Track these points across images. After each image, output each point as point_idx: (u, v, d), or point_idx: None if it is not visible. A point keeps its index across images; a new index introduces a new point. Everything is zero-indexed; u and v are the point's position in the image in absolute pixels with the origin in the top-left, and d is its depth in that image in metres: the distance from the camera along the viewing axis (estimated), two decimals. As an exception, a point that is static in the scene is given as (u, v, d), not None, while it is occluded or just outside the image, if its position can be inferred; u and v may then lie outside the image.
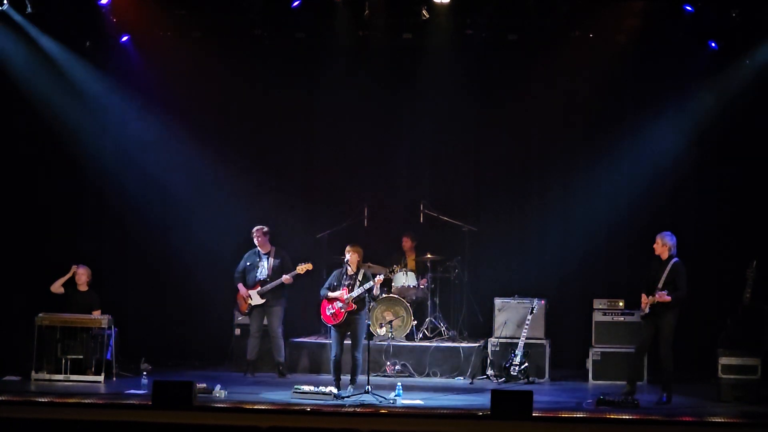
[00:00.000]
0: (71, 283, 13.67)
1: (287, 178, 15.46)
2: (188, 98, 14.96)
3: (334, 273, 12.56)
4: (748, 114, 14.10)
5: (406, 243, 14.88)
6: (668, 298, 11.89)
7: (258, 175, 15.33)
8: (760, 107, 14.01)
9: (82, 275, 13.65)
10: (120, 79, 14.92)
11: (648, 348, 12.36)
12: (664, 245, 12.12)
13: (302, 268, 13.61)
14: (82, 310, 13.44)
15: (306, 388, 12.05)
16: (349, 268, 12.38)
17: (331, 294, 12.28)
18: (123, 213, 15.05)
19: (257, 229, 13.98)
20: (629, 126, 14.82)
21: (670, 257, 12.10)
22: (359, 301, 12.26)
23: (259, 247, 14.04)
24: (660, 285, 11.99)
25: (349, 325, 12.29)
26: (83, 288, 13.66)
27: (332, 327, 12.39)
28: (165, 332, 14.91)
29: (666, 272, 12.01)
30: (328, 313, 12.33)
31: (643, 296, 12.14)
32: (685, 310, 14.15)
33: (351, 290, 12.21)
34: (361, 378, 12.25)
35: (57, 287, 13.58)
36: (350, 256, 12.37)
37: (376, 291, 12.42)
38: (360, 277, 12.28)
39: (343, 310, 12.20)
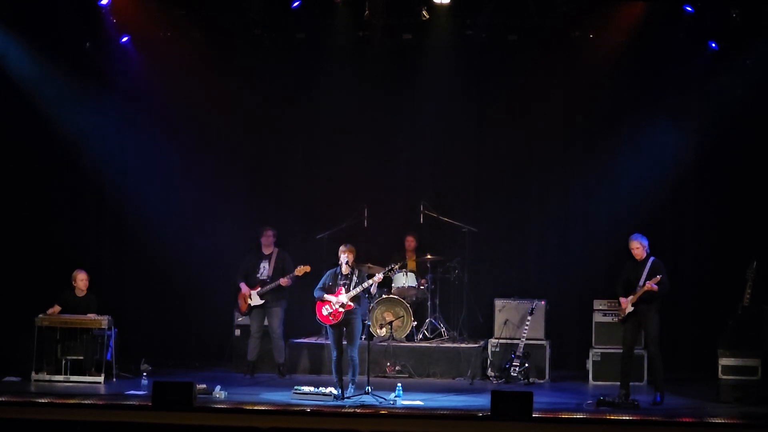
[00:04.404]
0: (70, 287, 13.64)
1: (287, 179, 15.46)
2: (188, 98, 14.94)
3: (328, 273, 12.43)
4: (748, 114, 14.08)
5: (410, 243, 14.85)
6: (656, 288, 11.91)
7: (257, 176, 15.35)
8: (760, 107, 14.00)
9: (81, 280, 13.61)
10: (120, 80, 14.92)
11: (633, 349, 12.36)
12: (641, 246, 12.19)
13: (300, 270, 13.60)
14: (80, 313, 13.37)
15: (306, 388, 12.05)
16: (343, 267, 12.34)
17: (326, 295, 12.24)
18: (123, 214, 15.06)
19: (268, 231, 13.97)
20: (629, 126, 14.81)
21: (648, 256, 12.17)
22: (355, 299, 12.24)
23: (263, 248, 14.04)
24: (641, 283, 12.02)
25: (345, 324, 12.26)
26: (81, 293, 13.61)
27: (329, 327, 12.35)
28: (165, 333, 14.93)
29: (646, 270, 12.06)
30: (324, 313, 12.23)
31: (622, 299, 12.18)
32: (686, 310, 14.25)
33: (348, 290, 12.19)
34: (361, 378, 12.24)
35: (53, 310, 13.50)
36: (344, 256, 12.29)
37: (373, 290, 12.39)
38: (356, 277, 12.26)
39: (340, 310, 12.17)
